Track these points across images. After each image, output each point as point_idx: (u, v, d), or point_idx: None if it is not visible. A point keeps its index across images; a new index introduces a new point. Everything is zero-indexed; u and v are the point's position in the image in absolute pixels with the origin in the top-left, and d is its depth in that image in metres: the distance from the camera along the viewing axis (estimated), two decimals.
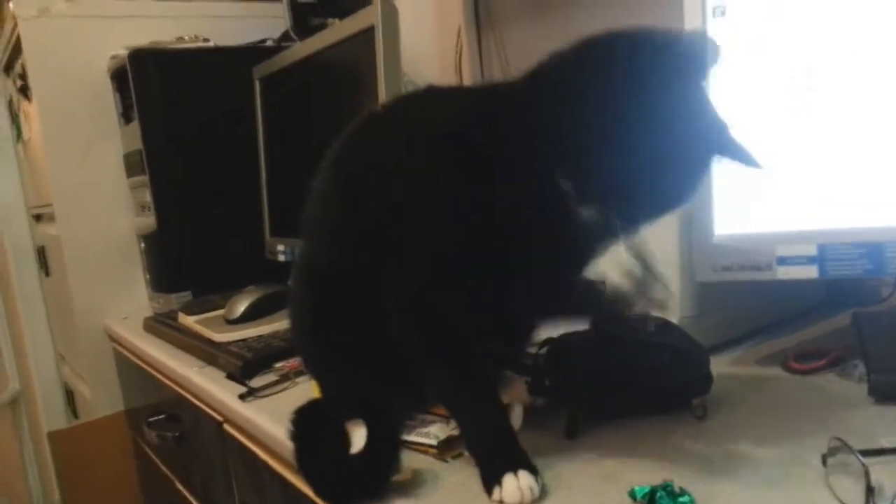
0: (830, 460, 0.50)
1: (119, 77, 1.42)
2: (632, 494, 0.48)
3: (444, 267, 0.56)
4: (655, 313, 0.64)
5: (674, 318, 0.74)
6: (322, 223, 0.65)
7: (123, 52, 1.35)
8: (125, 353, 1.42)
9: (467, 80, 1.50)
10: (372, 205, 0.59)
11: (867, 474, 0.44)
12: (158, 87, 1.35)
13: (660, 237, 0.74)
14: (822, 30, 0.64)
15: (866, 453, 0.49)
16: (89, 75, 1.46)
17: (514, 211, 0.54)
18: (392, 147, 0.60)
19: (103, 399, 1.56)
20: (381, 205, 0.58)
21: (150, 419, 1.23)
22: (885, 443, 0.53)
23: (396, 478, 0.56)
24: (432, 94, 0.65)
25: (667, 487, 0.47)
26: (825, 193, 0.65)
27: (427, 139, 0.58)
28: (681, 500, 0.46)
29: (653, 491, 0.47)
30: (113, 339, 1.50)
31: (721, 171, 0.68)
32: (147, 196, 1.39)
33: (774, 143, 0.67)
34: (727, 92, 0.68)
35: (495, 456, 0.53)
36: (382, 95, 1.00)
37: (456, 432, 0.59)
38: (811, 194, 0.66)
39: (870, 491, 0.44)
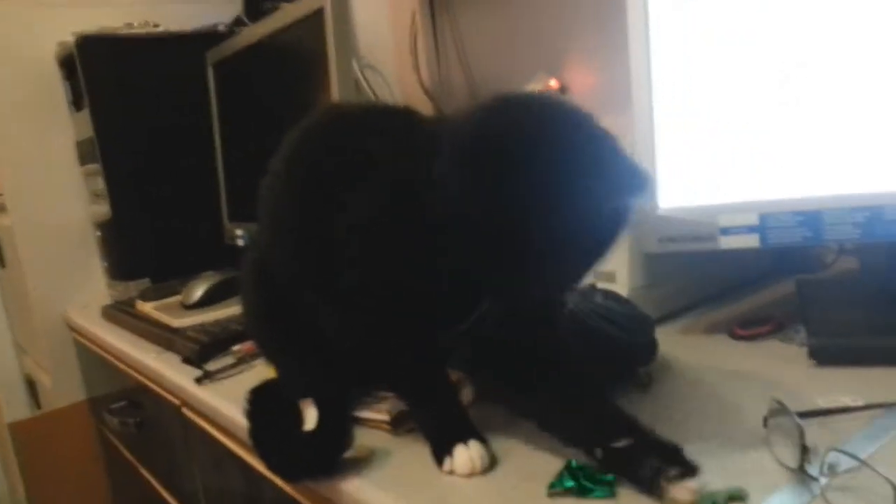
0: (770, 422, 0.52)
1: (67, 64, 1.39)
2: (568, 466, 0.49)
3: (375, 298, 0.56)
4: (602, 283, 0.65)
5: (623, 290, 0.76)
6: (270, 219, 0.65)
7: (71, 39, 1.32)
8: (85, 341, 1.41)
9: (423, 64, 1.50)
10: (318, 215, 0.58)
11: (801, 434, 0.46)
12: (108, 73, 1.33)
13: None
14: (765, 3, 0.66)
15: (804, 415, 0.50)
16: (37, 63, 1.43)
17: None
18: (345, 174, 0.58)
19: (65, 388, 1.55)
20: (327, 218, 0.57)
21: (112, 406, 1.22)
22: (822, 403, 0.55)
23: (349, 454, 0.57)
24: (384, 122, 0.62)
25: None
26: (766, 165, 0.67)
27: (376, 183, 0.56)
28: (607, 478, 0.48)
29: (575, 471, 0.48)
30: (72, 328, 1.48)
31: (665, 145, 0.70)
32: (101, 184, 1.36)
33: (716, 116, 0.68)
34: (671, 60, 0.70)
35: (445, 429, 0.54)
36: (334, 78, 1.00)
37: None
38: (753, 166, 0.67)
39: (804, 450, 0.46)
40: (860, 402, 0.54)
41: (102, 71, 1.32)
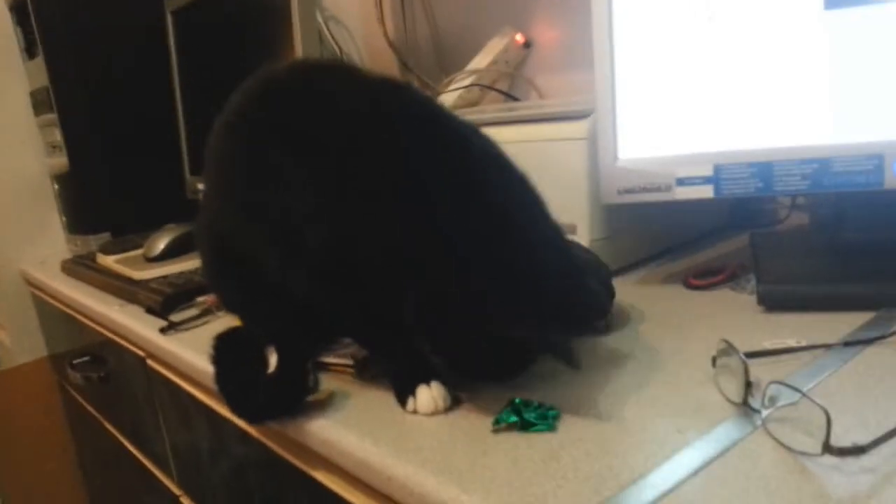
0: (718, 361, 0.54)
1: (19, 9, 1.34)
2: (511, 402, 0.51)
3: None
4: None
5: (583, 241, 0.77)
6: (216, 182, 0.65)
7: None
8: (44, 297, 1.39)
9: (388, 16, 1.48)
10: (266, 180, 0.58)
11: (746, 371, 0.48)
12: (63, 18, 1.28)
13: (567, 163, 0.77)
14: None
15: (750, 355, 0.53)
16: None
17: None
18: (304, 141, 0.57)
19: (25, 345, 1.53)
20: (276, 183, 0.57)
21: (74, 362, 1.21)
22: (768, 345, 0.58)
23: (314, 397, 0.58)
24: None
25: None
26: (721, 117, 0.69)
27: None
28: (550, 413, 0.50)
29: (518, 406, 0.50)
30: (31, 283, 1.46)
31: (625, 98, 0.72)
32: (57, 135, 1.33)
33: (674, 71, 0.69)
34: (632, 15, 0.70)
35: (407, 371, 0.55)
36: (297, 29, 0.98)
37: None
38: (708, 119, 0.69)
39: (748, 385, 0.48)
40: (803, 343, 0.57)
41: (56, 15, 1.28)
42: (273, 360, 0.58)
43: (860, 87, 0.63)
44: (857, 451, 0.40)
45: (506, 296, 0.49)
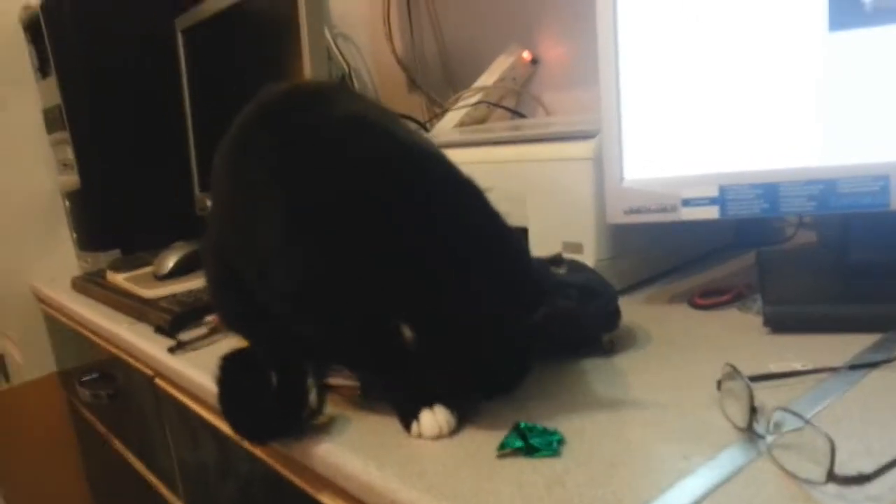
0: (723, 385, 0.54)
1: (33, 28, 1.37)
2: (516, 427, 0.51)
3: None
4: (568, 254, 0.67)
5: (589, 262, 0.78)
6: (220, 209, 0.65)
7: (36, 2, 1.30)
8: (54, 313, 1.40)
9: (396, 33, 1.49)
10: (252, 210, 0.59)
11: (751, 396, 0.48)
12: (75, 38, 1.30)
13: (574, 183, 0.78)
14: None
15: (755, 378, 0.53)
16: (1, 28, 1.40)
17: None
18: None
19: (34, 361, 1.54)
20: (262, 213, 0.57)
21: (83, 379, 1.22)
22: (774, 368, 0.57)
23: (320, 420, 0.58)
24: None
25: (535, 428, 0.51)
26: (727, 139, 0.69)
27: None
28: (555, 437, 0.50)
29: (523, 431, 0.50)
30: (41, 300, 1.47)
31: (631, 118, 0.72)
32: (69, 153, 1.35)
33: (680, 92, 0.70)
34: (638, 34, 0.71)
35: (410, 395, 0.55)
36: (306, 46, 1.00)
37: None
38: (714, 140, 0.69)
39: (753, 411, 0.48)
40: (809, 366, 0.56)
41: (69, 35, 1.30)
42: (275, 380, 0.58)
43: (866, 108, 0.63)
44: (862, 479, 0.40)
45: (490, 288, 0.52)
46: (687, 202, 0.69)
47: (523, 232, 0.77)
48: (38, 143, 1.45)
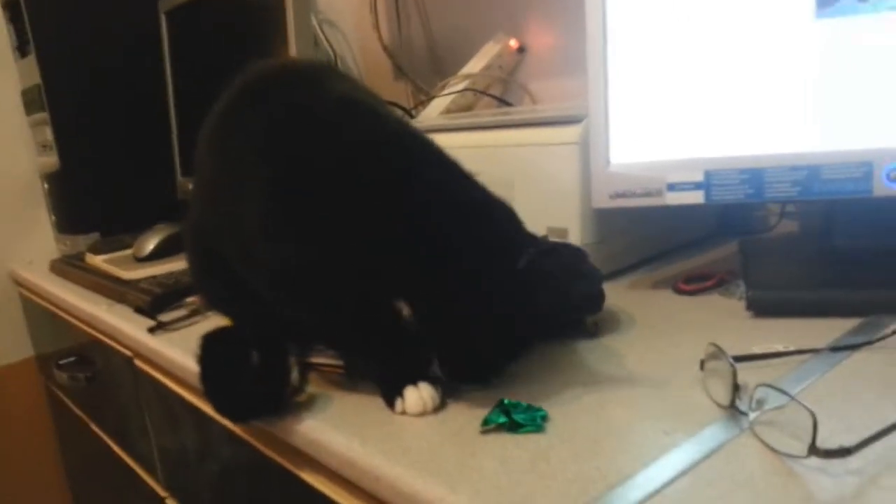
0: (707, 365, 0.54)
1: (11, 7, 1.34)
2: (500, 403, 0.51)
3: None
4: (554, 238, 0.67)
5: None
6: (203, 187, 0.65)
7: None
8: (32, 297, 1.38)
9: (383, 21, 1.48)
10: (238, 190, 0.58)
11: (734, 374, 0.49)
12: (55, 16, 1.28)
13: (560, 167, 0.78)
14: None
15: (738, 359, 0.53)
16: None
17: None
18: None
19: (11, 345, 1.52)
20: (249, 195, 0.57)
21: (61, 362, 1.21)
22: (756, 349, 0.58)
23: (302, 397, 0.58)
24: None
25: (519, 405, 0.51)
26: (712, 124, 0.69)
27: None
28: (538, 414, 0.50)
29: (506, 407, 0.50)
30: (19, 283, 1.45)
31: (618, 102, 0.72)
32: (48, 134, 1.32)
33: (667, 77, 0.70)
34: (626, 20, 0.71)
35: (394, 372, 0.55)
36: (292, 32, 0.99)
37: None
38: (700, 125, 0.69)
39: (736, 388, 0.48)
40: (791, 348, 0.57)
41: (49, 14, 1.27)
42: (256, 358, 0.58)
43: (850, 95, 0.63)
44: (843, 452, 0.40)
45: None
46: (672, 186, 0.70)
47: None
48: (15, 125, 1.42)
